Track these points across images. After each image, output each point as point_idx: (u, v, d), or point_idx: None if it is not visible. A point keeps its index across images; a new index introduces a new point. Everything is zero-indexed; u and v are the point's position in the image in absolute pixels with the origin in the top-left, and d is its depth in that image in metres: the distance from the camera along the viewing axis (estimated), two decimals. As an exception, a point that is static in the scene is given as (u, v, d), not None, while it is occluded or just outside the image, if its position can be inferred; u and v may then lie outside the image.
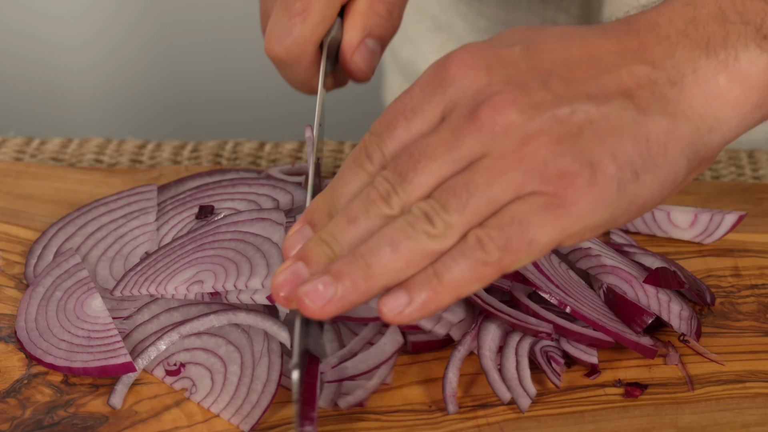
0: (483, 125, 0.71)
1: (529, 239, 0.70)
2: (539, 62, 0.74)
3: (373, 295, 0.71)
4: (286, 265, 0.73)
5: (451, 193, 0.71)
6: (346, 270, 0.71)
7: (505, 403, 0.79)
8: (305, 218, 0.75)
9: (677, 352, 0.84)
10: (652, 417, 0.79)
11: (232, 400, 0.78)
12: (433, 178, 0.72)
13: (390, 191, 0.72)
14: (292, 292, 0.72)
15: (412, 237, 0.71)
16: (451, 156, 0.72)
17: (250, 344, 0.80)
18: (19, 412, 0.79)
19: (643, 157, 0.72)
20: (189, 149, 1.07)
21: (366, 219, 0.72)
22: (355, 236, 0.72)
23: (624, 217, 0.73)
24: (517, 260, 0.71)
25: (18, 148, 1.06)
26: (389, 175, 0.72)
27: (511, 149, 0.71)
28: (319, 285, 0.71)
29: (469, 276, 0.70)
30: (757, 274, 0.91)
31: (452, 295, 0.71)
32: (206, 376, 0.80)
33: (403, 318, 0.71)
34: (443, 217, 0.71)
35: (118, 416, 0.79)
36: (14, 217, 0.95)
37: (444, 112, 0.74)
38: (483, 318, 0.82)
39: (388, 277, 0.71)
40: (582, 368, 0.83)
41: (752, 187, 1.01)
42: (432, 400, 0.80)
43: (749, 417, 0.79)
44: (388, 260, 0.71)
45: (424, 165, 0.72)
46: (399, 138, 0.74)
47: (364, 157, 0.74)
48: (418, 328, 0.81)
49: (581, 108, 0.72)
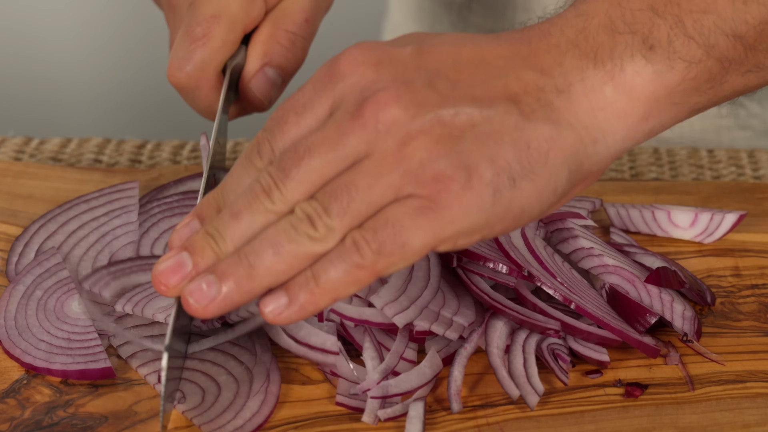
0: (366, 122, 0.71)
1: (401, 242, 0.70)
2: (428, 62, 0.73)
3: (256, 295, 0.71)
4: (169, 255, 0.72)
5: (333, 195, 0.70)
6: (231, 270, 0.71)
7: (514, 400, 0.79)
8: (195, 212, 0.74)
9: (678, 352, 0.83)
10: (652, 417, 0.79)
11: (217, 418, 0.78)
12: (315, 175, 0.71)
13: (272, 186, 0.71)
14: (172, 282, 0.72)
15: (294, 239, 0.70)
16: (334, 154, 0.71)
17: (249, 380, 0.80)
18: (19, 413, 0.79)
19: (522, 164, 0.71)
20: (189, 149, 1.07)
21: (249, 214, 0.72)
22: (238, 231, 0.72)
23: (500, 225, 0.72)
24: (391, 264, 0.70)
25: (17, 147, 1.06)
26: (273, 171, 0.72)
27: (392, 149, 0.70)
28: (203, 284, 0.71)
29: (344, 279, 0.70)
30: (757, 274, 0.91)
31: (329, 297, 0.71)
32: (198, 393, 0.80)
33: (283, 319, 0.71)
34: (325, 220, 0.70)
35: (117, 416, 0.78)
36: (13, 217, 0.95)
37: (332, 107, 0.73)
38: (490, 315, 0.82)
39: (271, 279, 0.71)
40: (582, 368, 0.83)
41: (752, 187, 1.01)
42: (434, 399, 0.80)
43: (750, 417, 0.79)
44: (270, 262, 0.70)
45: (307, 161, 0.71)
46: (289, 134, 0.73)
47: (255, 153, 0.74)
48: (432, 333, 0.81)
49: (465, 110, 0.71)
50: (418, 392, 0.79)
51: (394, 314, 0.80)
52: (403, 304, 0.80)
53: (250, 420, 0.78)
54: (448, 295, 0.84)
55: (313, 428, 0.78)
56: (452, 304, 0.83)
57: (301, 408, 0.79)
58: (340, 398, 0.79)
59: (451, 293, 0.84)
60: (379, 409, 0.78)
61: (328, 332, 0.82)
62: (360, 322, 0.81)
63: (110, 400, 0.80)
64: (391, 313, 0.80)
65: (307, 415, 0.79)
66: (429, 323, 0.81)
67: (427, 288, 0.82)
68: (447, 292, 0.84)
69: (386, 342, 0.82)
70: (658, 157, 1.09)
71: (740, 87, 0.77)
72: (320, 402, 0.80)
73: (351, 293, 0.71)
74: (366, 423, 0.78)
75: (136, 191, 0.93)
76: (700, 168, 1.08)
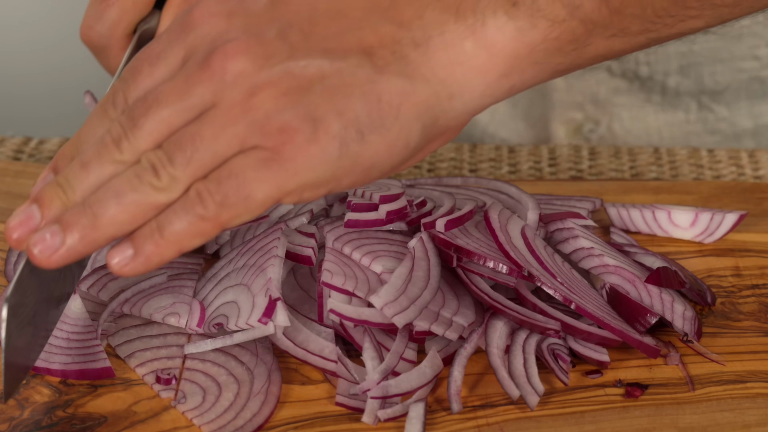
0: (214, 73, 0.70)
1: (245, 194, 0.69)
2: (283, 14, 0.72)
3: (100, 246, 0.71)
4: (22, 208, 0.72)
5: (177, 145, 0.70)
6: (75, 220, 0.70)
7: (514, 401, 0.79)
8: (51, 165, 0.74)
9: (678, 352, 0.83)
10: (652, 417, 0.79)
11: (217, 418, 0.78)
12: (163, 125, 0.71)
13: (121, 136, 0.71)
14: (23, 235, 0.71)
15: (137, 189, 0.70)
16: (182, 104, 0.71)
17: (250, 381, 0.80)
18: (18, 413, 0.78)
19: (372, 117, 0.70)
20: (188, 149, 1.06)
21: (98, 164, 0.71)
22: (87, 181, 0.71)
23: (348, 178, 0.71)
24: (235, 215, 0.70)
25: (16, 147, 1.06)
26: (123, 120, 0.71)
27: (239, 100, 0.70)
28: (47, 234, 0.70)
29: (189, 230, 0.70)
30: (757, 274, 0.91)
31: (174, 249, 0.70)
32: (199, 393, 0.80)
33: (129, 270, 0.70)
34: (168, 170, 0.70)
35: (116, 416, 0.78)
36: (13, 217, 0.95)
37: (185, 58, 0.73)
38: (490, 315, 0.82)
39: (114, 228, 0.70)
40: (582, 368, 0.83)
41: (753, 187, 1.01)
42: (434, 399, 0.80)
43: (750, 417, 0.79)
44: (114, 211, 0.70)
45: (155, 111, 0.71)
46: (143, 84, 0.73)
47: (110, 104, 0.73)
48: (432, 333, 0.81)
49: (315, 62, 0.71)
50: (419, 393, 0.79)
51: (393, 314, 0.79)
52: (402, 305, 0.80)
53: (251, 420, 0.78)
54: (447, 295, 0.83)
55: (312, 428, 0.78)
56: (452, 305, 0.83)
57: (300, 408, 0.79)
58: (339, 398, 0.79)
59: (451, 293, 0.84)
60: (379, 409, 0.78)
61: (327, 339, 0.82)
62: (359, 322, 0.81)
63: (109, 400, 0.80)
64: (390, 314, 0.79)
65: (306, 416, 0.79)
66: (429, 323, 0.80)
67: (426, 288, 0.82)
68: (447, 292, 0.84)
69: (386, 342, 0.82)
70: (659, 157, 1.09)
71: (604, 51, 0.76)
72: (320, 402, 0.80)
73: (196, 245, 0.70)
74: (366, 423, 0.78)
75: None
76: (701, 168, 1.08)
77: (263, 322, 0.80)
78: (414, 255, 0.83)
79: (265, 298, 0.81)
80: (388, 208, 0.87)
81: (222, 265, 0.86)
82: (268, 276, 0.82)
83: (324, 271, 0.83)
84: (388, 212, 0.87)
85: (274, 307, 0.80)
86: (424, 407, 0.77)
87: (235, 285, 0.83)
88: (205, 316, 0.82)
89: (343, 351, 0.82)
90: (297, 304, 0.85)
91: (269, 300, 0.80)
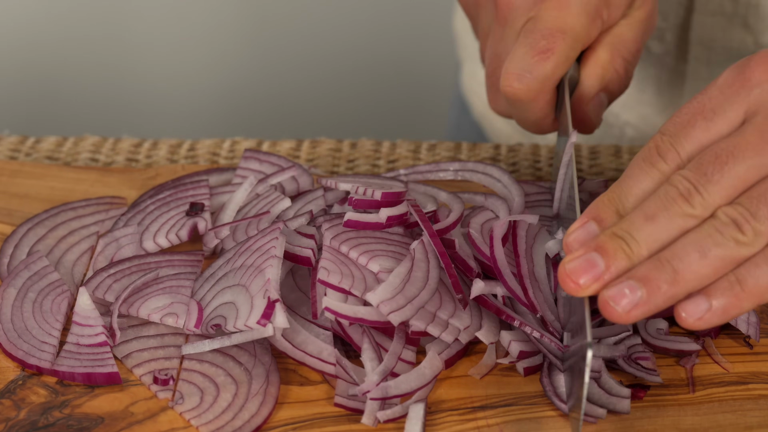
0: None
1: None
2: None
3: (677, 300, 0.72)
4: (577, 255, 0.72)
5: (762, 200, 0.71)
6: (653, 275, 0.71)
7: (602, 417, 0.78)
8: (589, 214, 0.74)
9: (697, 356, 0.83)
10: (654, 418, 0.78)
11: (215, 419, 0.78)
12: (739, 182, 0.72)
13: (691, 190, 0.72)
14: (583, 281, 0.72)
15: (721, 244, 0.71)
16: (760, 160, 0.72)
17: (248, 382, 0.80)
18: (14, 413, 0.78)
19: None
20: (186, 148, 1.06)
21: (665, 217, 0.72)
22: (652, 234, 0.72)
23: None
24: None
25: (13, 146, 1.05)
26: (690, 175, 0.72)
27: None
28: (626, 289, 0.71)
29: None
30: (759, 275, 0.91)
31: (754, 301, 0.72)
32: (197, 393, 0.79)
33: (703, 323, 0.72)
34: (753, 224, 0.71)
35: (113, 417, 0.78)
36: (9, 217, 0.94)
37: (747, 114, 0.74)
38: (548, 365, 0.81)
39: (695, 283, 0.71)
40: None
41: (754, 187, 1.00)
42: (434, 399, 0.80)
43: (752, 419, 0.78)
44: (696, 266, 0.71)
45: (731, 167, 0.72)
46: (697, 138, 0.74)
47: (657, 157, 0.74)
48: (427, 334, 0.81)
49: None
50: (418, 393, 0.79)
51: (389, 312, 0.79)
52: (399, 302, 0.80)
53: (249, 421, 0.77)
54: (445, 297, 0.83)
55: (311, 429, 0.77)
56: (449, 307, 0.82)
57: (299, 409, 0.79)
58: (338, 399, 0.79)
59: (449, 296, 0.83)
60: (379, 410, 0.78)
61: (325, 341, 0.81)
62: (354, 320, 0.80)
63: (106, 401, 0.79)
64: (386, 311, 0.79)
65: (305, 416, 0.78)
66: (425, 324, 0.80)
67: (425, 289, 0.81)
68: (444, 294, 0.83)
69: (385, 343, 0.81)
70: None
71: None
72: (318, 403, 0.79)
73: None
74: (365, 425, 0.78)
75: (124, 209, 0.94)
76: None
77: (262, 324, 0.79)
78: (414, 256, 0.83)
79: (263, 300, 0.80)
80: (390, 213, 0.86)
81: (220, 265, 0.86)
82: (266, 277, 0.81)
83: (320, 268, 0.82)
84: (388, 217, 0.86)
85: (273, 309, 0.79)
86: (423, 408, 0.77)
87: (233, 285, 0.83)
88: (202, 316, 0.82)
89: (341, 352, 0.81)
90: (295, 306, 0.84)
91: (268, 301, 0.80)
